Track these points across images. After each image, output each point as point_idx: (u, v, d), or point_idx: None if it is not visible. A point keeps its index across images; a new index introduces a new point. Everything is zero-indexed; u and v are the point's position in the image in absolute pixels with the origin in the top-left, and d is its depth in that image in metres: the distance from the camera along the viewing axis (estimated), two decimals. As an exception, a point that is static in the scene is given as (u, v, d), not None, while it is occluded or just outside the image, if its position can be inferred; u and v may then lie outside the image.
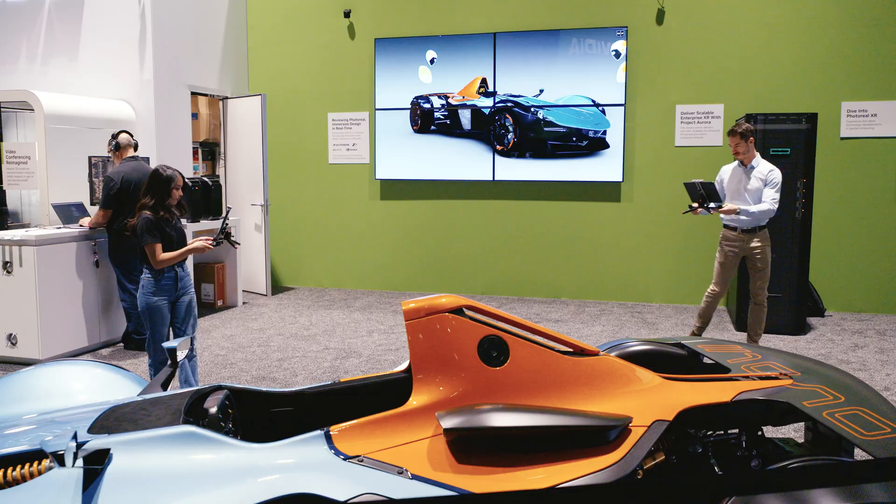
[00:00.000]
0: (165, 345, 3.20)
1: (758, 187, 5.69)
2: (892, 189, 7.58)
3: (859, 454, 2.89)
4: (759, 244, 5.71)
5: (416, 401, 2.46)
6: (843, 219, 7.72)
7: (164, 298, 4.57)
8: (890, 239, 7.62)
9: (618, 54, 8.01)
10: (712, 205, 5.64)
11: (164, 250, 4.53)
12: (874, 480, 2.02)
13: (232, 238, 4.92)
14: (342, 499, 2.06)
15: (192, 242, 4.68)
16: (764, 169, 5.71)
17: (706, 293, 5.90)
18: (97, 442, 2.17)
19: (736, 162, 5.86)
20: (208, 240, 4.71)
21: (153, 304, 4.55)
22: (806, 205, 6.79)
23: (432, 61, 8.49)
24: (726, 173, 5.92)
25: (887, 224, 7.61)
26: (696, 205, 5.73)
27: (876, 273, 7.68)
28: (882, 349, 6.32)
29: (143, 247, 4.50)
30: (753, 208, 5.64)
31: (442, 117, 8.60)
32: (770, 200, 5.63)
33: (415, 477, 2.21)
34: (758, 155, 5.81)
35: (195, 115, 8.47)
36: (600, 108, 8.10)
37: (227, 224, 4.85)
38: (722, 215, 5.75)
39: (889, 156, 7.55)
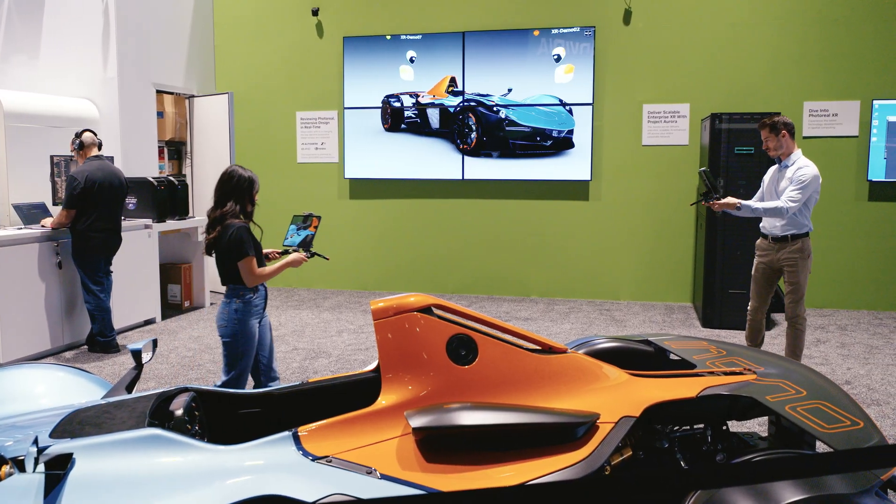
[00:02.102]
0: (130, 346, 3.15)
1: (787, 187, 4.93)
2: (853, 187, 7.74)
3: (821, 447, 2.95)
4: (789, 256, 4.95)
5: (384, 400, 2.45)
6: (805, 216, 7.85)
7: (255, 320, 3.97)
8: (850, 236, 7.79)
9: (559, 58, 8.11)
10: (714, 196, 5.02)
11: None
12: (834, 472, 2.06)
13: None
14: (310, 500, 2.05)
15: (288, 256, 4.09)
16: (797, 166, 4.93)
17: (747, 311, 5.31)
18: (59, 446, 2.13)
19: None
20: (303, 253, 4.12)
21: (250, 329, 3.92)
22: (769, 203, 6.90)
23: (412, 60, 8.47)
24: (769, 174, 5.21)
25: (848, 221, 7.77)
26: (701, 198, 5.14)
27: (837, 269, 7.84)
28: (843, 344, 6.45)
29: (239, 261, 3.84)
30: (758, 205, 4.92)
31: (413, 116, 8.59)
32: (785, 198, 4.83)
33: (384, 477, 2.20)
34: (797, 150, 5.01)
35: (161, 114, 8.35)
36: (567, 107, 8.16)
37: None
38: (763, 221, 5.12)
39: (849, 154, 7.72)
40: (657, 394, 2.58)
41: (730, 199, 4.97)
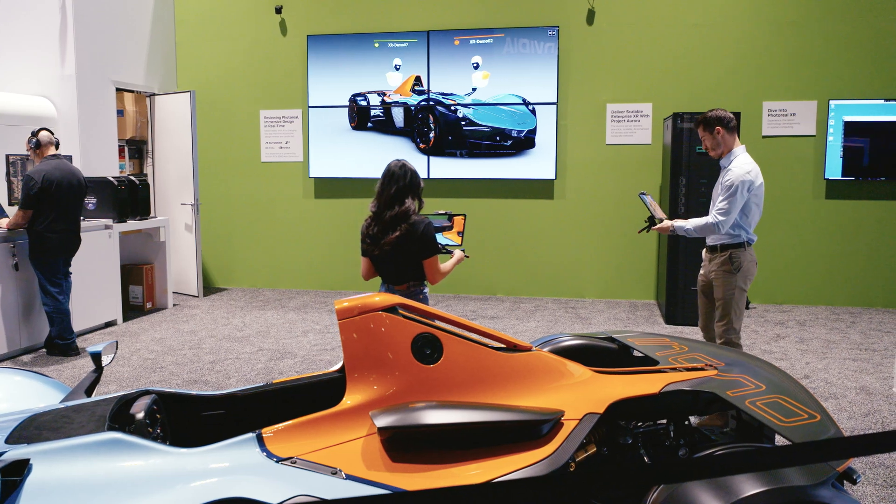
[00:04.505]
0: (90, 349, 3.09)
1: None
2: (810, 185, 7.91)
3: (779, 440, 3.01)
4: (715, 269, 4.35)
5: (349, 400, 2.44)
6: (764, 214, 7.96)
7: None
8: (809, 233, 7.96)
9: (477, 65, 8.21)
10: (654, 221, 4.62)
11: None
12: (792, 465, 2.10)
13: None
14: (275, 501, 2.03)
15: (455, 255, 3.98)
16: (728, 168, 4.37)
17: None
18: (15, 452, 2.09)
19: None
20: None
21: None
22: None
23: (397, 67, 8.43)
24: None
25: (806, 219, 7.94)
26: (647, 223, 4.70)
27: (797, 266, 8.00)
28: (802, 339, 6.59)
29: (428, 258, 3.70)
30: (690, 224, 4.35)
31: (379, 114, 8.56)
32: (714, 212, 4.28)
33: (349, 477, 2.19)
34: (736, 149, 4.42)
35: (121, 112, 8.21)
36: (530, 107, 8.20)
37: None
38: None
39: (807, 153, 7.88)
40: (621, 390, 2.60)
41: (664, 224, 4.51)
